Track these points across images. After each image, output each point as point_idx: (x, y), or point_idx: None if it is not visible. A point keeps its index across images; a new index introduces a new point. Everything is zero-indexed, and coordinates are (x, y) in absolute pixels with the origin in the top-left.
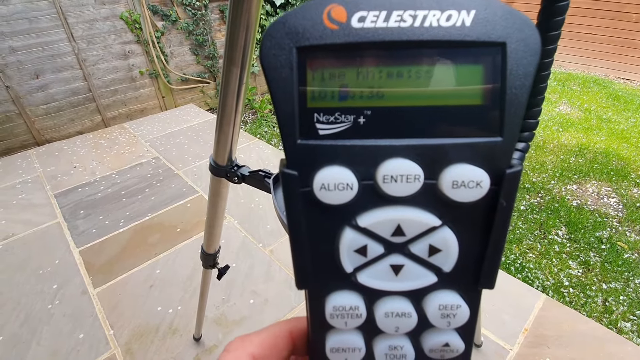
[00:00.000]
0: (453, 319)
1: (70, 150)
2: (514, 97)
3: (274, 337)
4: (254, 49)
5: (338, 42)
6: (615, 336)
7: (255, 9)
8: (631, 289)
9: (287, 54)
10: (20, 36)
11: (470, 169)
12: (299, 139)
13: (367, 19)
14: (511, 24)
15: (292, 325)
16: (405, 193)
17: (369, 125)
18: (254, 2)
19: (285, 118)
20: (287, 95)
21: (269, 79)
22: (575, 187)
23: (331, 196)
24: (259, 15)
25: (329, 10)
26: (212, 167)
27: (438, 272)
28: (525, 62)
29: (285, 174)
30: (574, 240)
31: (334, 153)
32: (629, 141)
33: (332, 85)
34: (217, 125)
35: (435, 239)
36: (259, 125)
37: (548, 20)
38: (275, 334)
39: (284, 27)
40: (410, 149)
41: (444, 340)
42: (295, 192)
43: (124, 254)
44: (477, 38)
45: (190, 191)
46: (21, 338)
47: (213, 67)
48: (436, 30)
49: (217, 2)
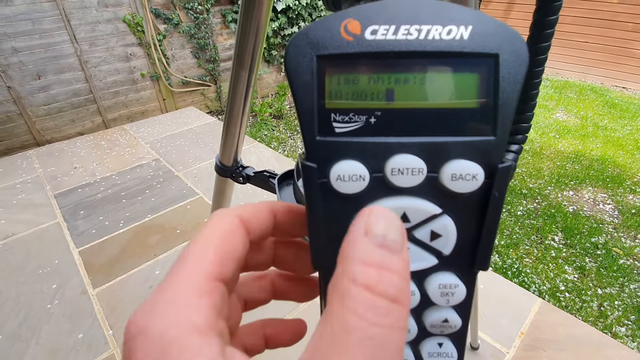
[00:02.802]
0: (452, 297)
1: (71, 151)
2: (505, 101)
3: (258, 209)
4: (262, 53)
5: (353, 51)
6: (611, 340)
7: (264, 16)
8: (626, 294)
9: (308, 61)
10: (22, 37)
11: (467, 163)
12: (318, 135)
13: (378, 32)
14: (503, 37)
15: (273, 205)
16: (411, 184)
17: (379, 125)
18: (264, 9)
19: (306, 117)
20: (308, 97)
21: (292, 83)
22: (571, 194)
23: (346, 186)
24: (267, 21)
25: (346, 24)
26: (218, 168)
27: (438, 255)
28: (515, 71)
29: (306, 166)
30: (570, 246)
31: (349, 148)
32: (625, 148)
33: (348, 89)
34: (224, 127)
35: (436, 225)
36: (258, 129)
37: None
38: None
39: (306, 38)
40: (415, 145)
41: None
42: (314, 182)
43: (123, 254)
44: (474, 50)
45: (191, 193)
46: (20, 337)
47: (214, 70)
48: (438, 43)
49: (219, 7)
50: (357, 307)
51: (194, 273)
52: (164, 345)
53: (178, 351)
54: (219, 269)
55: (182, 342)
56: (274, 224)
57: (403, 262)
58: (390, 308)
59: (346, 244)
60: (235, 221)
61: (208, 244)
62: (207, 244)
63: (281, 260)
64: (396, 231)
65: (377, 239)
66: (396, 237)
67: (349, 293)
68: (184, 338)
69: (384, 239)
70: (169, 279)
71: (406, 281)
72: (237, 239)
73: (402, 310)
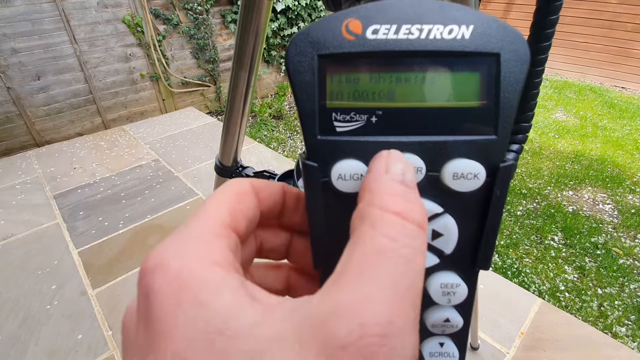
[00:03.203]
0: (453, 297)
1: (70, 152)
2: (506, 101)
3: (270, 183)
4: (261, 54)
5: (354, 50)
6: (611, 340)
7: (264, 17)
8: (626, 294)
9: (309, 60)
10: (22, 38)
11: (469, 162)
12: (319, 134)
13: (380, 32)
14: (504, 37)
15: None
16: None
17: (380, 124)
18: (263, 10)
19: (307, 116)
20: (309, 96)
21: (293, 82)
22: (571, 193)
23: (347, 185)
24: (267, 22)
25: (347, 23)
26: (218, 168)
27: (440, 254)
28: (517, 70)
29: (307, 165)
30: (569, 246)
31: (350, 148)
32: (624, 148)
33: (349, 88)
34: (224, 127)
35: (437, 224)
36: (258, 129)
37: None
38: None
39: (307, 37)
40: (417, 144)
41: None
42: (315, 181)
43: (123, 255)
44: (475, 49)
45: (190, 193)
46: (20, 338)
47: (214, 70)
48: (439, 42)
49: (219, 7)
50: (390, 231)
51: (210, 218)
52: (185, 278)
53: (200, 284)
54: (233, 222)
55: (204, 275)
56: (283, 204)
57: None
58: (418, 232)
59: (369, 180)
60: (247, 185)
61: (222, 199)
62: (222, 199)
63: (295, 254)
64: (412, 172)
65: (397, 176)
66: (412, 177)
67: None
68: (205, 271)
69: (404, 177)
70: (186, 224)
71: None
72: (248, 199)
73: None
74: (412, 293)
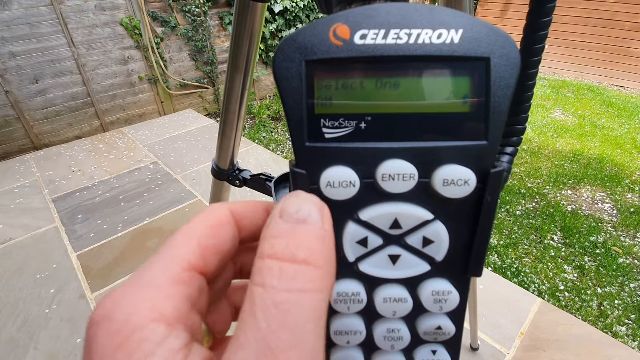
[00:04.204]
0: (444, 304)
1: (69, 155)
2: (496, 106)
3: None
4: (256, 56)
5: (342, 56)
6: (611, 340)
7: (259, 19)
8: (626, 293)
9: (297, 66)
10: (20, 41)
11: (459, 168)
12: (307, 141)
13: (367, 37)
14: (494, 40)
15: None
16: (402, 190)
17: (370, 130)
18: (258, 12)
19: (295, 123)
20: (297, 102)
21: (280, 89)
22: (570, 193)
23: (336, 192)
24: (262, 24)
25: (335, 29)
26: (215, 171)
27: (431, 261)
28: (507, 75)
29: (295, 172)
30: (569, 245)
31: (339, 154)
32: (623, 147)
33: (337, 94)
34: (220, 130)
35: (428, 231)
36: (257, 131)
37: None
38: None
39: (294, 43)
40: (406, 150)
41: (436, 323)
42: (303, 189)
43: (122, 258)
44: (465, 53)
45: (189, 196)
46: (19, 342)
47: (212, 72)
48: (428, 47)
49: (216, 9)
50: (264, 279)
51: (171, 261)
52: (127, 332)
53: (139, 339)
54: (201, 260)
55: (145, 331)
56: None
57: (317, 227)
58: (297, 271)
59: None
60: (226, 214)
61: (192, 234)
62: (191, 234)
63: None
64: (310, 205)
65: (290, 216)
66: (310, 209)
67: (255, 268)
68: (147, 326)
69: (297, 213)
70: (146, 266)
71: (322, 244)
72: (225, 232)
73: (314, 272)
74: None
